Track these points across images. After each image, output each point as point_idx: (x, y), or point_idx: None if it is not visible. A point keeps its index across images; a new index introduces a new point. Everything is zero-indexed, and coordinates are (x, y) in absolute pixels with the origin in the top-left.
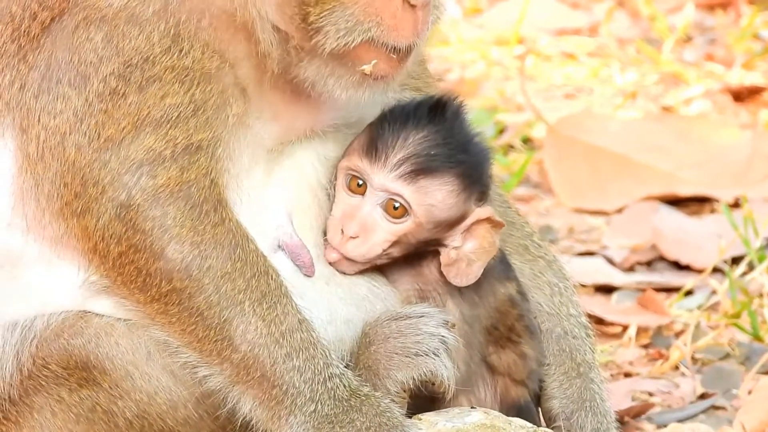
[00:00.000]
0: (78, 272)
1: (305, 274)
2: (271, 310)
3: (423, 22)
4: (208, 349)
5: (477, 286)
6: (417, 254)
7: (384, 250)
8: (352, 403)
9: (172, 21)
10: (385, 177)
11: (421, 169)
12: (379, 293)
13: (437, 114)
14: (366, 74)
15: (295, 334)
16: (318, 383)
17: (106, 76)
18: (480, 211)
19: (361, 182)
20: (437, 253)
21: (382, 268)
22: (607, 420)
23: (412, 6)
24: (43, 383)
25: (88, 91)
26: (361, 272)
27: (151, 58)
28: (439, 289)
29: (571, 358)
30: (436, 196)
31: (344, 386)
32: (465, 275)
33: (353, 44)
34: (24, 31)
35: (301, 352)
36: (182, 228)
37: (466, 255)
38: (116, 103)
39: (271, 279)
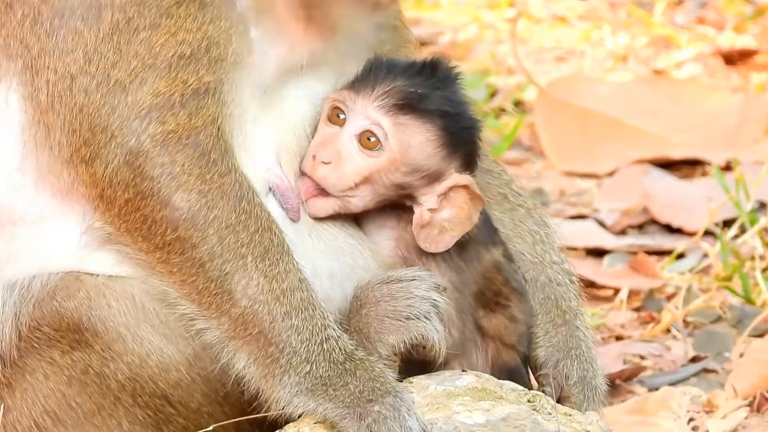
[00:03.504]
0: (80, 224)
1: (291, 218)
2: (273, 267)
3: None
4: (207, 302)
5: (462, 251)
6: (394, 212)
7: (355, 184)
8: (347, 367)
9: None
10: (369, 105)
11: (406, 105)
12: (358, 247)
13: (431, 69)
14: None
15: (296, 293)
16: (314, 344)
17: (117, 9)
18: (459, 177)
19: (342, 114)
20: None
21: (361, 226)
22: (593, 367)
23: None
24: (35, 345)
25: (100, 27)
26: (339, 224)
27: None
28: (423, 257)
29: (557, 306)
30: (415, 136)
31: (340, 349)
32: (434, 242)
33: None
34: None
35: (300, 312)
36: (190, 176)
37: (439, 222)
38: (128, 40)
39: (274, 235)
